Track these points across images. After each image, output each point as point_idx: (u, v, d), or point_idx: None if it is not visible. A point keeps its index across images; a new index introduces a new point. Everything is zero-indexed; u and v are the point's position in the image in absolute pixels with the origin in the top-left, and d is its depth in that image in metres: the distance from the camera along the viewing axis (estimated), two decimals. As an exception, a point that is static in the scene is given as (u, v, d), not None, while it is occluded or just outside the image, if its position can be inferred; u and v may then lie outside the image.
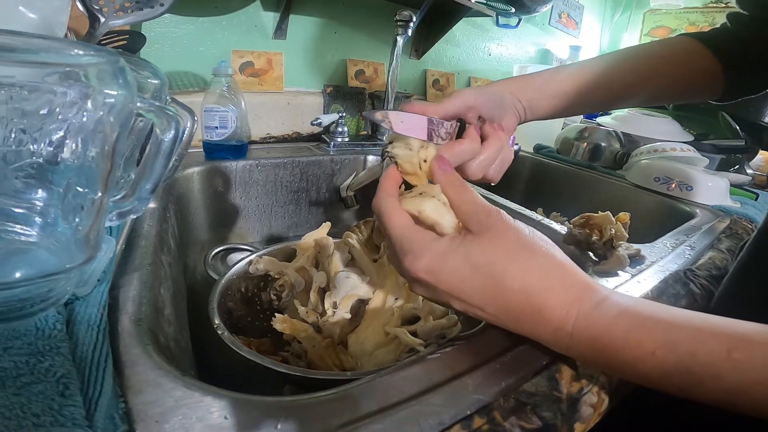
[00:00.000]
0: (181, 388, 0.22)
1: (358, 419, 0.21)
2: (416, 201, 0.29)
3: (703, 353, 0.21)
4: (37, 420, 0.17)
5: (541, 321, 0.25)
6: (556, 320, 0.25)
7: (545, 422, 0.24)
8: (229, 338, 0.36)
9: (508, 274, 0.25)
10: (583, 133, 0.96)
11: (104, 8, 0.40)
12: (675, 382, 0.22)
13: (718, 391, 0.21)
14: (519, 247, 0.26)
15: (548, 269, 0.26)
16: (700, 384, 0.21)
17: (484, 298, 0.26)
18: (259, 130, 0.84)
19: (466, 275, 0.26)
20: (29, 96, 0.22)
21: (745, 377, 0.20)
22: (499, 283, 0.26)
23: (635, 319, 0.23)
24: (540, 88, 0.43)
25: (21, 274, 0.23)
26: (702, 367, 0.21)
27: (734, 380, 0.20)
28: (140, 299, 0.29)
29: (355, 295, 0.42)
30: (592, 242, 0.49)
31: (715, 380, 0.20)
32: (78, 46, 0.22)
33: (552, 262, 0.26)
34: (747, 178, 0.88)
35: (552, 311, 0.25)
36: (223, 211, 0.70)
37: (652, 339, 0.22)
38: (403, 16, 0.77)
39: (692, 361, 0.21)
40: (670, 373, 0.22)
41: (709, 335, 0.21)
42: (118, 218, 0.29)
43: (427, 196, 0.29)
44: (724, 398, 0.21)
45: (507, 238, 0.26)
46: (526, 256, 0.26)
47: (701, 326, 0.22)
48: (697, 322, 0.22)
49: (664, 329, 0.22)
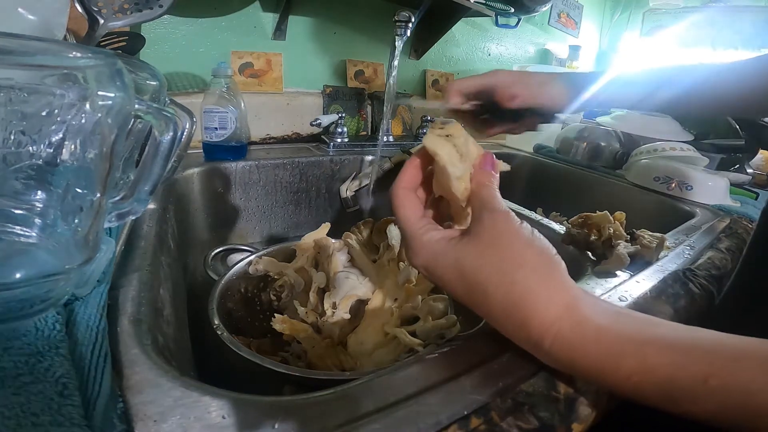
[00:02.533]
0: (180, 387, 0.22)
1: (356, 419, 0.21)
2: (438, 142, 0.28)
3: (681, 380, 0.21)
4: (36, 419, 0.18)
5: (520, 334, 0.26)
6: (534, 338, 0.25)
7: (543, 422, 0.24)
8: (229, 338, 0.36)
9: (491, 284, 0.25)
10: (582, 133, 0.96)
11: (103, 10, 0.40)
12: (654, 403, 0.22)
13: (698, 412, 0.21)
14: (508, 257, 0.26)
15: (532, 285, 0.25)
16: (679, 406, 0.21)
17: (469, 301, 0.27)
18: (259, 130, 0.84)
19: (453, 279, 0.27)
20: (28, 98, 0.22)
21: (722, 403, 0.20)
22: (483, 291, 0.26)
23: (614, 343, 0.23)
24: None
25: (21, 275, 0.23)
26: (680, 392, 0.21)
27: (712, 404, 0.20)
28: (139, 300, 0.29)
29: (355, 295, 0.42)
30: (591, 242, 0.49)
31: (693, 404, 0.21)
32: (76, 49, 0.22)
33: (538, 275, 0.25)
34: (747, 178, 0.87)
35: (530, 330, 0.25)
36: (223, 211, 0.70)
37: (628, 365, 0.22)
38: (402, 17, 0.77)
39: (670, 387, 0.21)
40: (647, 397, 0.22)
41: (688, 362, 0.21)
42: (117, 219, 0.29)
43: (450, 140, 0.29)
44: (704, 419, 0.21)
45: (502, 242, 0.26)
46: (513, 267, 0.25)
47: (681, 349, 0.22)
48: (677, 345, 0.22)
49: (643, 355, 0.22)
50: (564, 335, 0.24)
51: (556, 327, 0.24)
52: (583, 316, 0.24)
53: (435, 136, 0.29)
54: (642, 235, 0.49)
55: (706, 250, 0.52)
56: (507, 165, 0.32)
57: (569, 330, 0.24)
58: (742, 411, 0.20)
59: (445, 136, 0.29)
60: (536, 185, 1.00)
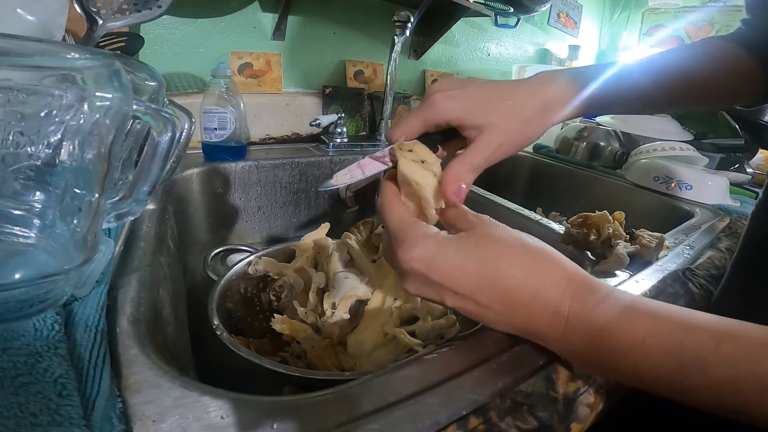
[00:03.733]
0: (179, 387, 0.22)
1: (354, 419, 0.21)
2: (416, 171, 0.30)
3: (693, 344, 0.21)
4: (35, 419, 0.18)
5: (537, 305, 0.25)
6: (553, 302, 0.25)
7: (541, 422, 0.24)
8: (229, 339, 0.36)
9: (503, 258, 0.26)
10: (582, 133, 0.96)
11: (102, 10, 0.40)
12: (661, 375, 0.22)
13: (703, 387, 0.21)
14: (510, 237, 0.27)
15: (542, 256, 0.26)
16: (687, 378, 0.21)
17: (477, 284, 0.26)
18: (258, 131, 0.84)
19: (460, 261, 0.26)
20: (26, 99, 0.22)
21: (732, 371, 0.20)
22: (494, 268, 0.26)
23: (628, 307, 0.24)
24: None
25: (19, 276, 0.23)
26: (690, 360, 0.21)
27: (721, 374, 0.20)
28: (139, 300, 0.29)
29: (354, 295, 0.42)
30: (590, 242, 0.49)
31: (702, 374, 0.21)
32: (74, 49, 0.22)
33: (544, 250, 0.27)
34: (747, 177, 0.87)
35: (548, 293, 0.25)
36: (223, 212, 0.71)
37: (643, 326, 0.23)
38: (401, 17, 0.77)
39: (681, 353, 0.21)
40: (657, 365, 0.22)
41: (698, 328, 0.22)
42: (116, 220, 0.29)
43: (428, 168, 0.30)
44: (709, 397, 0.21)
45: (498, 231, 0.27)
46: (518, 244, 0.27)
47: (691, 319, 0.22)
48: (686, 315, 0.23)
49: (655, 318, 0.23)
50: (581, 297, 0.25)
51: (571, 288, 0.25)
52: (596, 281, 0.26)
53: (410, 162, 0.30)
54: (641, 234, 0.49)
55: (705, 250, 0.52)
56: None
57: (587, 293, 0.25)
58: (752, 382, 0.19)
59: (420, 162, 0.30)
60: (536, 185, 1.00)
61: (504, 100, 0.32)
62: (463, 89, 0.32)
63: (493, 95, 0.32)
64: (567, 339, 0.25)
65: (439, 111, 0.32)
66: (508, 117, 0.32)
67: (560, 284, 0.25)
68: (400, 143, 0.32)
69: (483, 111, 0.32)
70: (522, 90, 0.34)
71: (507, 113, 0.32)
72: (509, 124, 0.32)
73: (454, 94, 0.32)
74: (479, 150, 0.31)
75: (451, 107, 0.32)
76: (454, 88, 0.32)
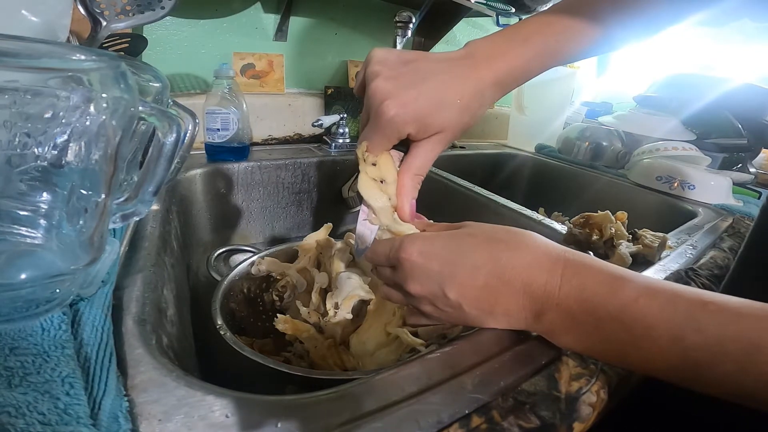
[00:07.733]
0: (184, 387, 0.22)
1: (357, 418, 0.22)
2: (373, 194, 0.34)
3: (682, 302, 0.22)
4: (44, 418, 0.18)
5: (533, 270, 0.27)
6: (547, 266, 0.27)
7: (544, 421, 0.24)
8: (232, 339, 0.36)
9: (497, 233, 0.29)
10: (584, 133, 0.96)
11: (106, 12, 0.40)
12: (659, 336, 0.22)
13: (700, 349, 0.21)
14: (499, 226, 0.30)
15: (534, 234, 0.29)
16: (684, 339, 0.22)
17: (476, 259, 0.28)
18: (261, 131, 0.84)
19: (458, 244, 0.29)
20: (33, 100, 0.22)
21: (722, 329, 0.21)
22: (491, 241, 0.28)
23: (617, 271, 0.26)
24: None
25: (26, 276, 0.23)
26: (683, 317, 0.22)
27: (713, 333, 0.21)
28: (143, 300, 0.29)
29: (357, 295, 0.42)
30: (593, 242, 0.49)
31: (697, 333, 0.21)
32: (79, 51, 0.23)
33: (534, 233, 0.29)
34: (750, 177, 0.87)
35: (541, 259, 0.27)
36: (226, 212, 0.71)
37: (634, 287, 0.24)
38: (402, 17, 0.77)
39: (673, 311, 0.22)
40: (652, 325, 0.23)
41: (685, 290, 0.23)
42: (122, 220, 0.30)
43: (385, 189, 0.34)
44: (706, 359, 0.21)
45: (485, 225, 0.31)
46: (508, 228, 0.30)
47: (676, 286, 0.24)
48: (672, 284, 0.24)
49: (644, 281, 0.25)
50: (574, 262, 0.27)
51: (563, 257, 0.27)
52: (587, 253, 0.29)
53: (368, 183, 0.33)
54: (644, 234, 0.49)
55: (708, 250, 0.52)
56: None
57: (579, 258, 0.27)
58: (735, 340, 0.20)
59: (380, 181, 0.33)
60: (538, 185, 1.00)
61: (453, 101, 0.31)
62: (414, 87, 0.30)
63: (445, 95, 0.31)
64: (561, 305, 0.26)
65: (397, 128, 0.30)
66: (456, 117, 0.31)
67: (553, 253, 0.28)
68: (366, 154, 0.33)
69: (437, 119, 0.31)
70: (471, 81, 0.31)
71: (456, 114, 0.31)
72: (457, 124, 0.32)
73: (406, 100, 0.30)
74: (425, 153, 0.33)
75: (408, 119, 0.30)
76: (404, 87, 0.30)
